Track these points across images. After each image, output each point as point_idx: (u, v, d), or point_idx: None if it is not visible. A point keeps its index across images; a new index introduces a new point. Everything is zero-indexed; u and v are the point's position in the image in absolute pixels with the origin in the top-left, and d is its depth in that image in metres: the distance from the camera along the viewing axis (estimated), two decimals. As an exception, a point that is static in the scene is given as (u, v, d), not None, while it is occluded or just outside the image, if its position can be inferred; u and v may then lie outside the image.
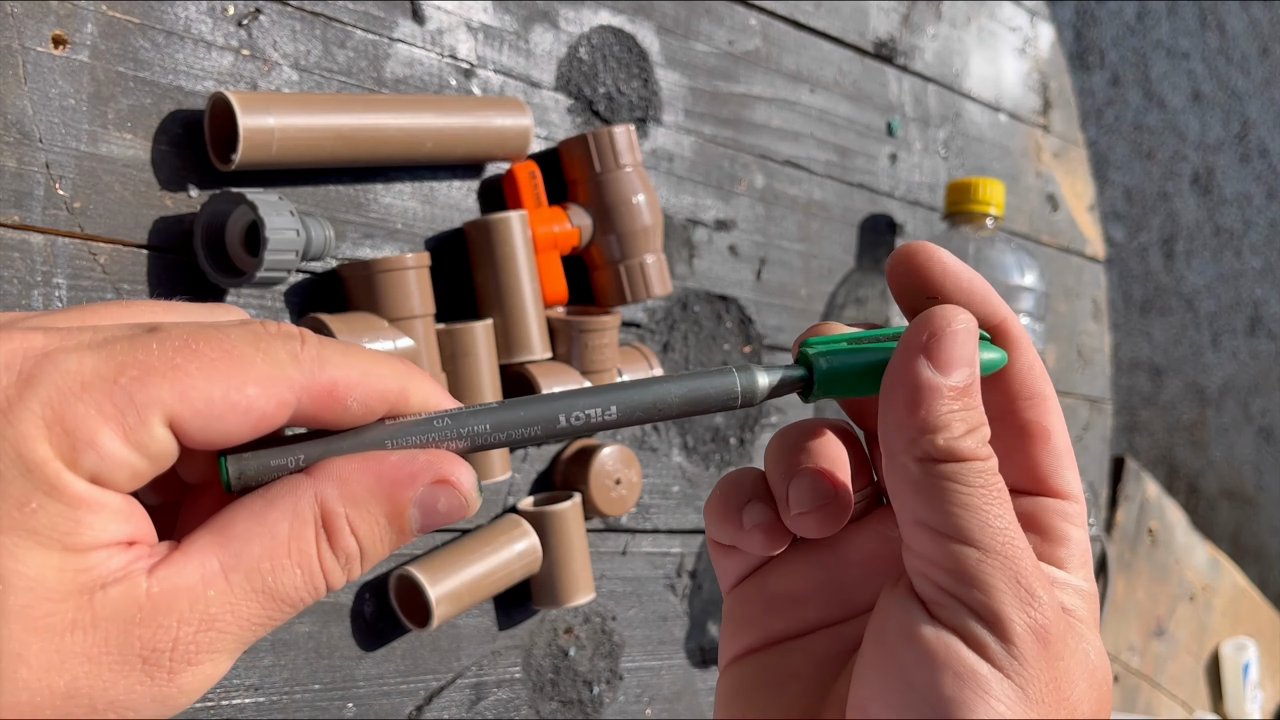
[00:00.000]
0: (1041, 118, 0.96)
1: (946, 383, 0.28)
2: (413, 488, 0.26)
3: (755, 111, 0.73)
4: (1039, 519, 0.30)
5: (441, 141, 0.55)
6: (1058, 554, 0.29)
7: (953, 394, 0.28)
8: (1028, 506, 0.30)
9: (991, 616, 0.26)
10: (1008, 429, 0.31)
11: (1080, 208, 1.00)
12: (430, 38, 0.57)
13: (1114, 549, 1.11)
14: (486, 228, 0.56)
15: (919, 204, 0.84)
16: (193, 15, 0.50)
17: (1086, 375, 0.99)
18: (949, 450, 0.27)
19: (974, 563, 0.26)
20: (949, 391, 0.28)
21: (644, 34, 0.67)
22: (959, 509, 0.27)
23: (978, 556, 0.26)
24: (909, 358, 0.28)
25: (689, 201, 0.69)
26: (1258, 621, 1.42)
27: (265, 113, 0.48)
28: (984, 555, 0.26)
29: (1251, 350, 2.53)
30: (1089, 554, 0.30)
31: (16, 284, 0.45)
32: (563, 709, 0.62)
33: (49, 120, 0.46)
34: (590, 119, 0.64)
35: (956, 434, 0.27)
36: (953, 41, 0.88)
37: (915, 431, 0.27)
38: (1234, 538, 2.41)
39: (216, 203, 0.48)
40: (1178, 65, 2.42)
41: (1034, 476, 0.30)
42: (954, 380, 0.28)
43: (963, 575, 0.26)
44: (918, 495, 0.27)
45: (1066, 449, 0.31)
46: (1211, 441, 2.40)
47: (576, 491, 0.60)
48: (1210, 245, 2.46)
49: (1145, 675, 1.17)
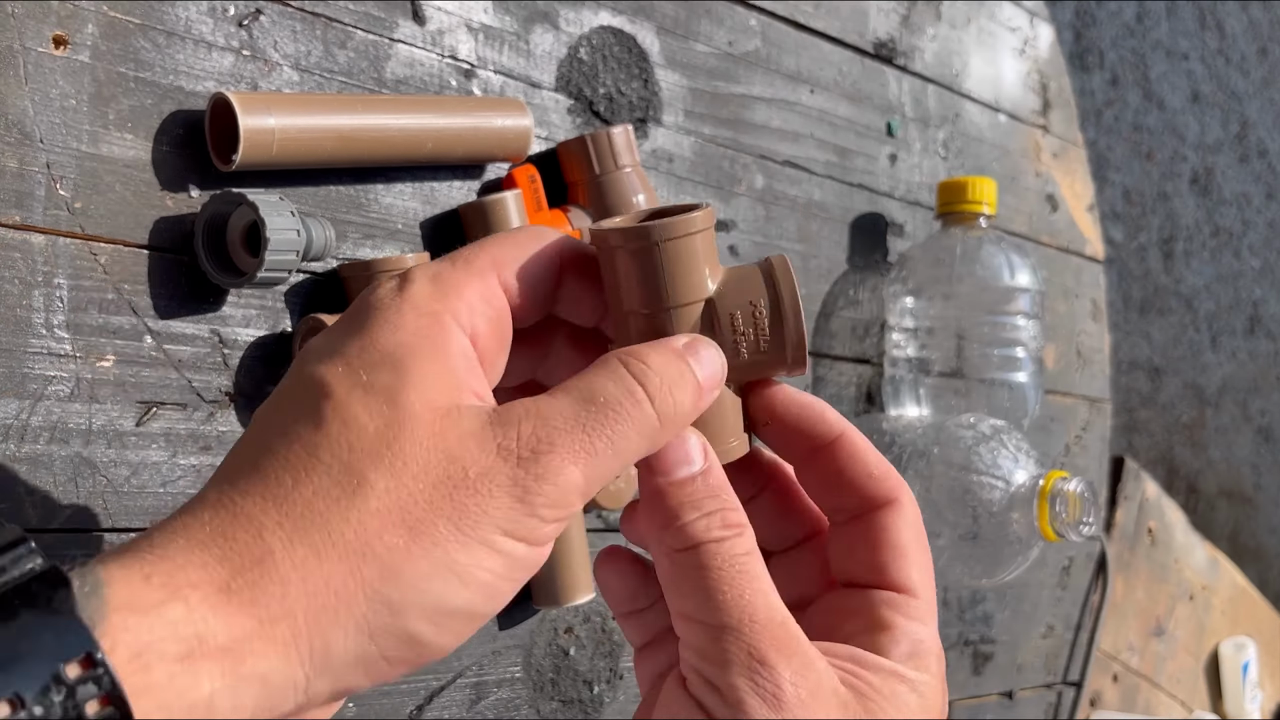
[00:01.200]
0: (1041, 118, 0.96)
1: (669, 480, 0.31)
2: None
3: (755, 112, 0.73)
4: (866, 610, 0.32)
5: (442, 142, 0.55)
6: (877, 641, 0.31)
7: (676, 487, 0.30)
8: (857, 599, 0.32)
9: (725, 686, 0.28)
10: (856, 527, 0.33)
11: (1079, 208, 1.00)
12: (431, 38, 0.58)
13: (1113, 549, 1.11)
14: (483, 209, 0.56)
15: (919, 204, 0.84)
16: (193, 16, 0.50)
17: (1085, 375, 0.99)
18: (682, 537, 0.30)
19: (708, 640, 0.29)
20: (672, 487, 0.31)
21: (644, 35, 0.67)
22: (695, 590, 0.29)
23: (714, 634, 0.29)
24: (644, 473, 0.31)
25: (689, 202, 0.69)
26: (1257, 621, 1.42)
27: (266, 113, 0.48)
28: (720, 632, 0.29)
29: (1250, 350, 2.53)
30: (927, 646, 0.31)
31: (17, 284, 0.45)
32: (563, 708, 0.62)
33: (50, 120, 0.46)
34: (590, 120, 0.64)
35: (688, 519, 0.30)
36: (952, 42, 0.88)
37: (658, 530, 0.30)
38: (1233, 537, 2.41)
39: (217, 203, 0.48)
40: (1177, 66, 2.42)
41: (871, 569, 0.33)
42: (676, 476, 0.31)
43: (700, 652, 0.29)
44: (669, 586, 0.30)
45: (910, 546, 0.33)
46: (1210, 441, 2.40)
47: None
48: (1209, 246, 2.46)
49: (1144, 675, 1.17)
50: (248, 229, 0.49)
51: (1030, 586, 0.94)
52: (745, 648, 0.28)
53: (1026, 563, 0.69)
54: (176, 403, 0.49)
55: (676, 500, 0.30)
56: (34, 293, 0.45)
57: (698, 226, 0.31)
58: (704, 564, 0.29)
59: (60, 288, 0.46)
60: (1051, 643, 0.97)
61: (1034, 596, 0.94)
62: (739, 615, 0.29)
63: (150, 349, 0.48)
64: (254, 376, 0.51)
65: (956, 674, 0.87)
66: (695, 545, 0.30)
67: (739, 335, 0.32)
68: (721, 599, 0.29)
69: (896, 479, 0.33)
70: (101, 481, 0.47)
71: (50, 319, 0.46)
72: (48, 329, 0.46)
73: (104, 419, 0.47)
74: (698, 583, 0.29)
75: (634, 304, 0.32)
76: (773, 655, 0.28)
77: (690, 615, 0.29)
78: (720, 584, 0.29)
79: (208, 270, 0.49)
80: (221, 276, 0.48)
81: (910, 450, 0.73)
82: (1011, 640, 0.92)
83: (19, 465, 0.45)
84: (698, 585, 0.29)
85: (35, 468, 0.45)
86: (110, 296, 0.47)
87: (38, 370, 0.45)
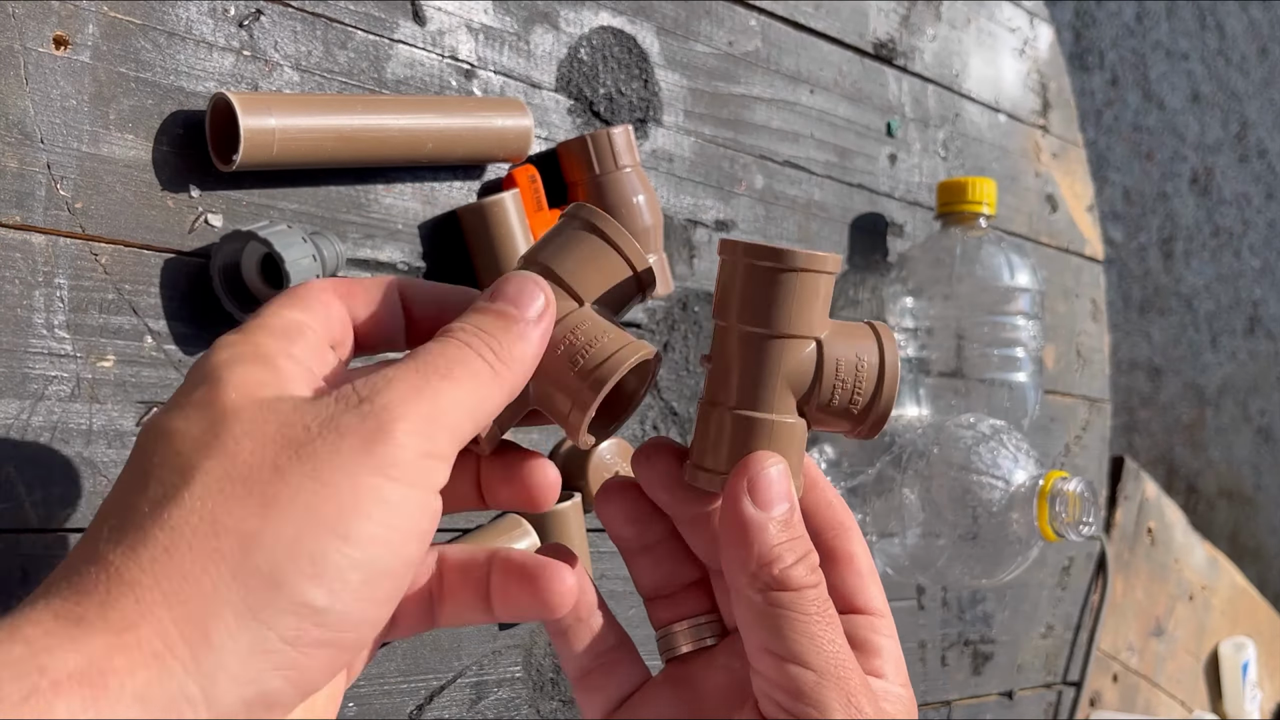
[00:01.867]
0: (1041, 118, 0.96)
1: (770, 517, 0.31)
2: None
3: (755, 112, 0.73)
4: (855, 635, 0.34)
5: (442, 142, 0.55)
6: (875, 664, 0.33)
7: (777, 527, 0.31)
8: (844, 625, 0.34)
9: None
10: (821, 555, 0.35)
11: (1079, 208, 1.00)
12: (431, 39, 0.58)
13: (1113, 549, 1.11)
14: (481, 211, 0.56)
15: (919, 205, 0.84)
16: (194, 16, 0.50)
17: (1085, 375, 0.99)
18: (783, 580, 0.31)
19: (811, 684, 0.30)
20: (773, 525, 0.31)
21: (644, 35, 0.67)
22: (797, 635, 0.30)
23: (814, 679, 0.30)
24: (734, 501, 0.31)
25: (689, 202, 0.69)
26: (1256, 621, 1.42)
27: (266, 113, 0.48)
28: (820, 677, 0.30)
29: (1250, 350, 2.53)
30: (902, 660, 0.34)
31: (18, 284, 0.45)
32: (563, 708, 0.62)
33: (50, 121, 0.46)
34: (590, 120, 0.64)
35: (788, 563, 0.31)
36: (952, 42, 0.88)
37: (755, 566, 0.31)
38: (1232, 537, 2.41)
39: (228, 243, 0.48)
40: (1177, 66, 2.42)
41: (843, 596, 0.34)
42: (776, 514, 0.31)
43: (801, 695, 0.30)
44: (761, 624, 0.31)
45: (870, 570, 0.35)
46: (1210, 441, 2.40)
47: (576, 491, 0.60)
48: (1209, 246, 2.46)
49: (1144, 675, 1.17)
50: (262, 262, 0.49)
51: (1030, 586, 0.94)
52: (844, 694, 0.30)
53: (1026, 563, 0.69)
54: (177, 403, 0.49)
55: (775, 539, 0.31)
56: (34, 293, 0.45)
57: (829, 268, 0.33)
58: (803, 609, 0.31)
59: (61, 288, 0.46)
60: (1051, 643, 0.97)
61: (1034, 596, 0.94)
62: (835, 662, 0.30)
63: (150, 349, 0.48)
64: (254, 376, 0.51)
65: (956, 674, 0.87)
66: (796, 589, 0.31)
67: (838, 382, 0.33)
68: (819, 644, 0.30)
69: (844, 504, 0.35)
70: (102, 482, 0.47)
71: (51, 319, 0.46)
72: (48, 329, 0.46)
73: (104, 419, 0.47)
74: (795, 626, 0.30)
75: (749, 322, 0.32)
76: (862, 699, 0.30)
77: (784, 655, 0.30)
78: (816, 630, 0.31)
79: (233, 311, 0.49)
80: (247, 316, 0.49)
81: (910, 450, 0.73)
82: (1011, 640, 0.92)
83: (19, 465, 0.45)
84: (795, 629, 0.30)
85: (35, 468, 0.45)
86: (111, 297, 0.47)
87: (38, 370, 0.45)
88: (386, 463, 0.26)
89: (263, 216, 0.52)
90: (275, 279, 0.49)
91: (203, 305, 0.50)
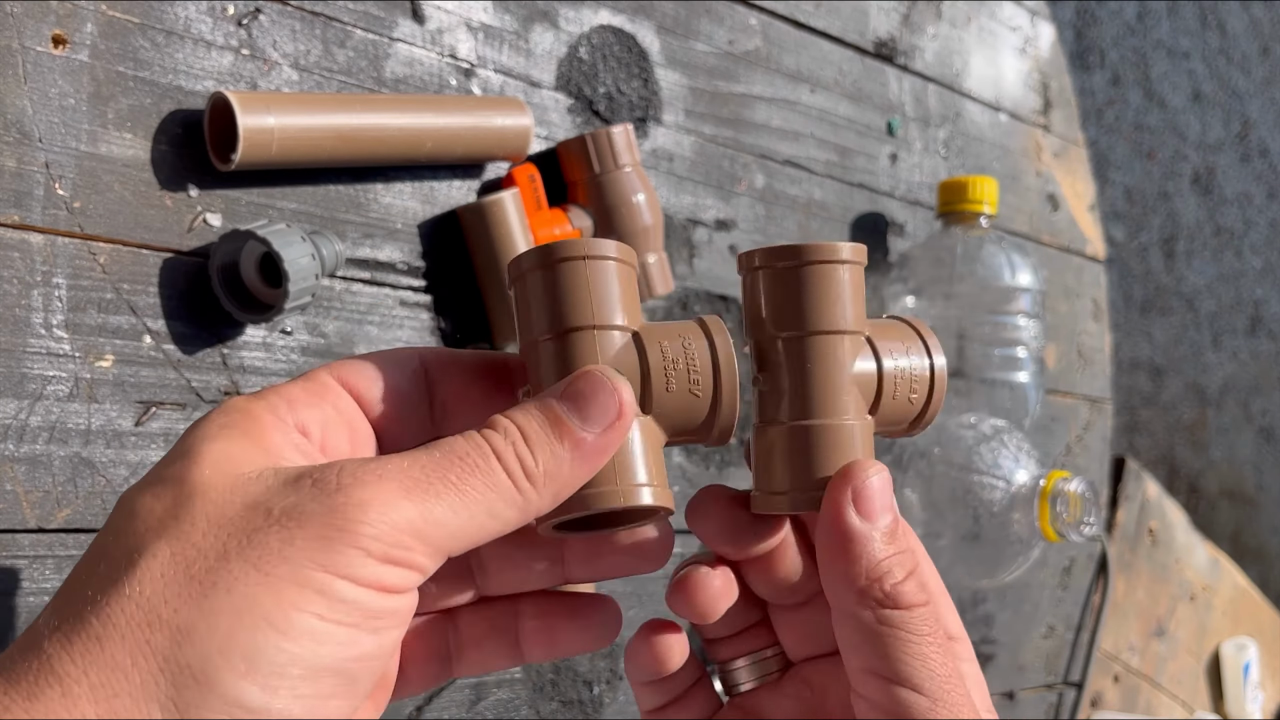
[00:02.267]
0: (1042, 117, 0.96)
1: (875, 527, 0.29)
2: None
3: (755, 111, 0.73)
4: None
5: (441, 141, 0.55)
6: None
7: (883, 539, 0.29)
8: None
9: None
10: None
11: (1080, 207, 1.00)
12: (430, 37, 0.57)
13: (1114, 549, 1.11)
14: (481, 210, 0.56)
15: (919, 204, 0.84)
16: (192, 15, 0.50)
17: (1087, 375, 0.99)
18: (894, 597, 0.29)
19: (924, 710, 0.28)
20: (879, 536, 0.29)
21: (644, 34, 0.67)
22: (909, 657, 0.29)
23: (927, 705, 0.29)
24: (838, 513, 0.29)
25: (689, 201, 0.69)
26: (1258, 621, 1.42)
27: (265, 112, 0.48)
28: (933, 704, 0.29)
29: (1252, 350, 2.53)
30: (984, 685, 0.32)
31: (16, 284, 0.45)
32: (563, 709, 0.62)
33: (49, 120, 0.46)
34: (590, 119, 0.64)
35: (898, 578, 0.29)
36: (953, 41, 0.88)
37: (863, 581, 0.29)
38: (1234, 538, 2.41)
39: (227, 242, 0.48)
40: (1178, 65, 2.42)
41: None
42: (881, 525, 0.29)
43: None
44: (868, 645, 0.29)
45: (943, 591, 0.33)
46: (1212, 441, 2.40)
47: None
48: (1211, 245, 2.45)
49: (1145, 675, 1.17)
50: (261, 261, 0.49)
51: (1031, 587, 0.93)
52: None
53: (1027, 563, 0.69)
54: (175, 402, 0.49)
55: (882, 552, 0.29)
56: (33, 292, 0.45)
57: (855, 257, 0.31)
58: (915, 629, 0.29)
59: (59, 287, 0.46)
60: (1052, 643, 0.97)
61: (1035, 597, 0.94)
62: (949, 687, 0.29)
63: (149, 349, 0.48)
64: (253, 376, 0.51)
65: (957, 674, 0.87)
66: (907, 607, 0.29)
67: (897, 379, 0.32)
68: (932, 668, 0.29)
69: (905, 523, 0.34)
70: (100, 481, 0.47)
71: (49, 319, 0.46)
72: (46, 329, 0.46)
73: (103, 419, 0.47)
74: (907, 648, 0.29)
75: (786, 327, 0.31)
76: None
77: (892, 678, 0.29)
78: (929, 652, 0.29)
79: (233, 311, 0.49)
80: (246, 314, 0.49)
81: (911, 450, 0.73)
82: (1012, 641, 0.92)
83: (18, 465, 0.45)
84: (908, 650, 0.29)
85: (34, 468, 0.45)
86: (109, 296, 0.47)
87: (36, 370, 0.45)
88: (341, 561, 0.24)
89: (261, 216, 0.51)
90: (274, 278, 0.49)
91: (201, 305, 0.50)
